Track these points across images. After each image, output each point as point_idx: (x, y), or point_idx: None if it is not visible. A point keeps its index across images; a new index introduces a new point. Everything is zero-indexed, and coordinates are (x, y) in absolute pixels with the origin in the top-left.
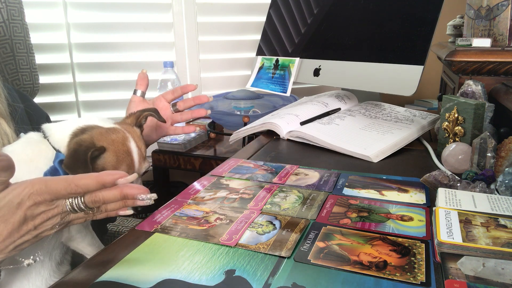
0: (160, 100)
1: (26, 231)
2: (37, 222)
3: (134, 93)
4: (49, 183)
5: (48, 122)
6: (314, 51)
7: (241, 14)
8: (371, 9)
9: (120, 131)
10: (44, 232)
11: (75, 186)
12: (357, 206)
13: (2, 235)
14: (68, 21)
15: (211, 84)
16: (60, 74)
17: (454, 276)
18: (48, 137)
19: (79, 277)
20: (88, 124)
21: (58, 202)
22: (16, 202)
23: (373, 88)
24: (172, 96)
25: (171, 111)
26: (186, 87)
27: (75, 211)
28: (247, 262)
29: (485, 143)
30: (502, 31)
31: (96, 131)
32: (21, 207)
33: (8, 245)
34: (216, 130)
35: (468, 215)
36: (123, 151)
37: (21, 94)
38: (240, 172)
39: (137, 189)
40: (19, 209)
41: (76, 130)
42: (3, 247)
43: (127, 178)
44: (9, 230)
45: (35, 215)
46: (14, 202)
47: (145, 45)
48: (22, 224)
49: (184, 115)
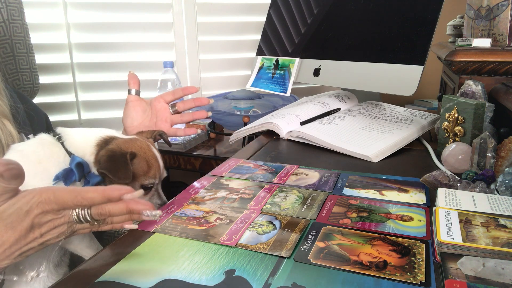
0: (158, 101)
1: (32, 239)
2: (43, 230)
3: (129, 93)
4: (57, 194)
5: (47, 123)
6: (314, 51)
7: (241, 14)
8: (371, 9)
9: (141, 140)
10: (50, 240)
11: (81, 198)
12: (357, 206)
13: (9, 241)
14: (68, 21)
15: (211, 84)
16: (60, 74)
17: (454, 276)
18: (64, 140)
19: (79, 277)
20: (109, 134)
21: (65, 212)
22: (25, 209)
23: (373, 88)
24: (172, 97)
25: (170, 112)
26: (187, 89)
27: (81, 222)
28: (247, 262)
29: (485, 143)
30: (502, 31)
31: (120, 140)
32: (29, 214)
33: (14, 251)
34: (216, 130)
35: (468, 215)
36: (151, 157)
37: (20, 95)
38: (240, 172)
39: (143, 205)
40: (27, 217)
41: (100, 140)
42: (9, 254)
43: (133, 194)
44: (16, 237)
45: (42, 224)
46: (23, 209)
47: (145, 45)
48: (29, 232)
49: (185, 117)
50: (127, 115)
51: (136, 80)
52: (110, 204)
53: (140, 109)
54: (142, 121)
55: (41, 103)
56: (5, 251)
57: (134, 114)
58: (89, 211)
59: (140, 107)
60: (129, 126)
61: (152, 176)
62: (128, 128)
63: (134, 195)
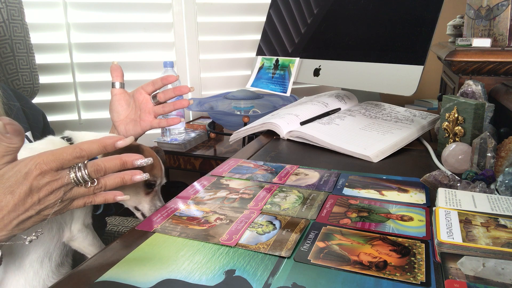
0: (140, 93)
1: (30, 204)
2: (41, 195)
3: (112, 86)
4: (55, 152)
5: (45, 121)
6: (314, 51)
7: (241, 14)
8: (371, 9)
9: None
10: (47, 208)
11: (80, 149)
12: (357, 206)
13: (7, 206)
14: (68, 21)
15: (211, 84)
16: (60, 74)
17: (454, 276)
18: (74, 141)
19: (79, 277)
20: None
21: (62, 173)
22: (24, 171)
23: (373, 88)
24: (152, 88)
25: (152, 104)
26: (166, 78)
27: (78, 182)
28: (247, 262)
29: (485, 143)
30: (502, 31)
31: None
32: (28, 177)
33: (12, 219)
34: (216, 130)
35: (468, 215)
36: (155, 158)
37: (17, 93)
38: (240, 172)
39: (134, 156)
40: (25, 180)
41: None
42: (7, 222)
43: (125, 140)
44: (15, 202)
45: (40, 186)
46: (22, 172)
47: (145, 45)
48: (28, 196)
49: (166, 107)
50: (112, 109)
51: (119, 73)
52: (105, 159)
53: (124, 103)
54: (128, 115)
55: (41, 103)
56: (3, 219)
57: (119, 108)
58: (85, 170)
59: (124, 101)
60: (116, 121)
61: (156, 174)
62: (115, 123)
63: (126, 141)
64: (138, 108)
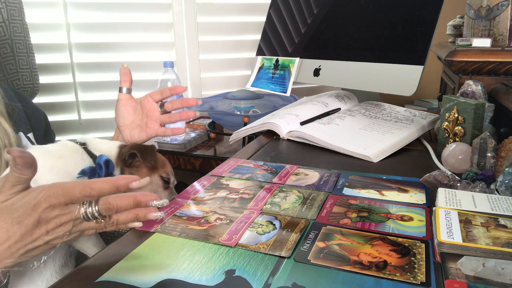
0: (148, 100)
1: (38, 235)
2: (50, 227)
3: (120, 91)
4: (65, 186)
5: (47, 122)
6: (314, 51)
7: (241, 14)
8: (371, 9)
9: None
10: (55, 239)
11: (90, 188)
12: (357, 206)
13: (15, 236)
14: (68, 21)
15: (211, 84)
16: (60, 74)
17: (454, 276)
18: (87, 146)
19: (79, 277)
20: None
21: (72, 208)
22: (33, 203)
23: (373, 88)
24: (160, 97)
25: (159, 112)
26: (175, 88)
27: (88, 218)
28: (247, 262)
29: (485, 143)
30: (502, 31)
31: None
32: (37, 209)
33: (19, 248)
34: (216, 130)
35: (468, 215)
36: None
37: (18, 94)
38: (240, 172)
39: (150, 196)
40: (34, 211)
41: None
42: (14, 250)
43: (141, 181)
44: (22, 232)
45: (48, 219)
46: (31, 203)
47: (145, 45)
48: (36, 228)
49: (172, 117)
50: (118, 114)
51: (128, 77)
52: (117, 198)
53: (130, 108)
54: (134, 120)
55: (41, 103)
56: (10, 247)
57: (125, 113)
58: (96, 207)
59: (131, 106)
60: (121, 125)
61: (169, 172)
62: (121, 127)
63: (141, 182)
64: (144, 115)
